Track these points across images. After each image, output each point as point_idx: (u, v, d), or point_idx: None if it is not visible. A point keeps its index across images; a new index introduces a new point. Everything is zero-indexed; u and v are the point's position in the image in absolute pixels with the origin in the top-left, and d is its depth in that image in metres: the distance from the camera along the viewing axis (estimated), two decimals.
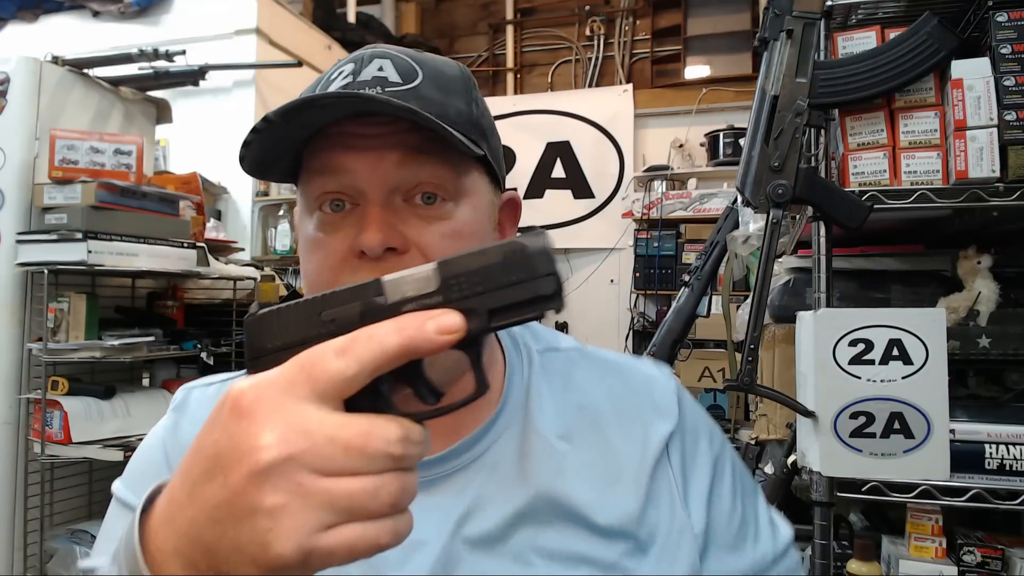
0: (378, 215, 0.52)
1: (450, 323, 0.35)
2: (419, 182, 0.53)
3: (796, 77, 1.15)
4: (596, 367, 0.65)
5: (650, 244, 4.31)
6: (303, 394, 0.34)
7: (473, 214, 0.56)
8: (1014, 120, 1.07)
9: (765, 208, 1.14)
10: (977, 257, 1.25)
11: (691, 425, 0.63)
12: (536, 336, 0.67)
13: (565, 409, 0.61)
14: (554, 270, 0.37)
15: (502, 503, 0.56)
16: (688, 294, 1.83)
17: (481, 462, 0.58)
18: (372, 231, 0.51)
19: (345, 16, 4.80)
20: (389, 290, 0.37)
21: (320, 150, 0.54)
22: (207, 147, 3.63)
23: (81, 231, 1.99)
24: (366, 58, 0.55)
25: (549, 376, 0.63)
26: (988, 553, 1.16)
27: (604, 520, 0.55)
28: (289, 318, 0.38)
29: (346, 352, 0.35)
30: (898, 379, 1.05)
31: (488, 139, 0.58)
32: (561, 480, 0.56)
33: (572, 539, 0.55)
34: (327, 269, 0.54)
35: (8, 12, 3.98)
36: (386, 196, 0.53)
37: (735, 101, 4.45)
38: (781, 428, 1.52)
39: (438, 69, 0.57)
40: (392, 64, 0.55)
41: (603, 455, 0.59)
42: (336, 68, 0.56)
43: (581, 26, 5.21)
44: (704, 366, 3.47)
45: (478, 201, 0.57)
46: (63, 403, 2.01)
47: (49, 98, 2.24)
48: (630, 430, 0.60)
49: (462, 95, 0.57)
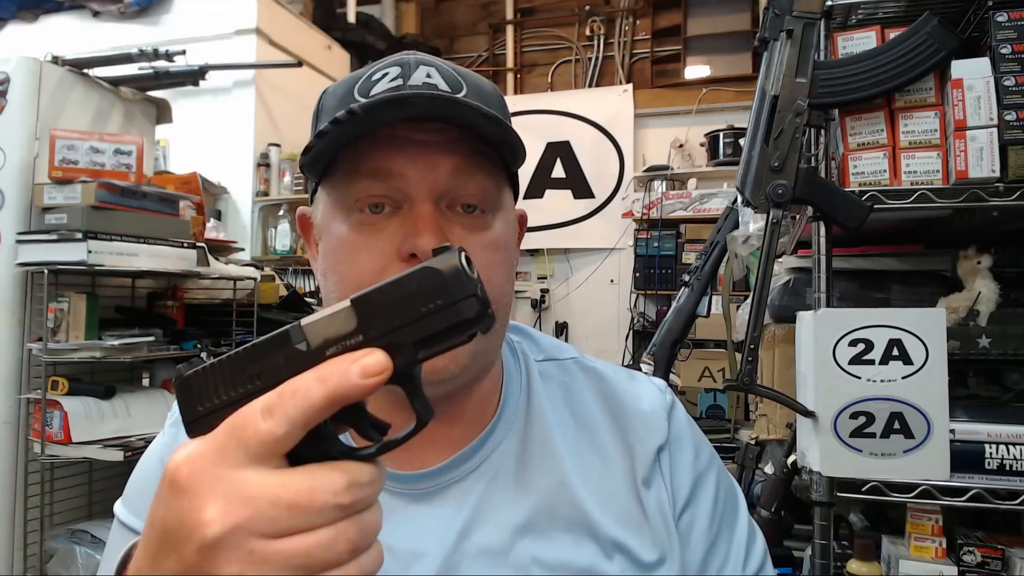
0: (431, 219, 0.52)
1: (374, 364, 0.34)
2: (467, 192, 0.54)
3: (796, 77, 1.15)
4: (593, 379, 0.65)
5: (650, 244, 4.31)
6: (237, 460, 0.33)
7: (506, 227, 0.57)
8: (1014, 120, 1.07)
9: (765, 208, 1.14)
10: (977, 257, 1.25)
11: (678, 437, 0.63)
12: (536, 345, 0.67)
13: (563, 419, 0.61)
14: (472, 291, 0.34)
15: (503, 513, 0.56)
16: (688, 294, 1.83)
17: (480, 472, 0.58)
18: (428, 235, 0.51)
19: (345, 16, 4.80)
20: (310, 334, 0.35)
21: (370, 151, 0.53)
22: (207, 147, 3.63)
23: (81, 231, 1.99)
24: (412, 63, 0.55)
25: (547, 385, 0.63)
26: (988, 553, 1.16)
27: (604, 531, 0.56)
28: (216, 378, 0.37)
29: (273, 411, 0.33)
30: (898, 379, 1.05)
31: (516, 156, 0.58)
32: (562, 490, 0.57)
33: (574, 550, 0.55)
34: (370, 272, 0.52)
35: (8, 12, 3.98)
36: (436, 201, 0.53)
37: (735, 101, 4.46)
38: (781, 428, 1.52)
39: (478, 84, 0.57)
40: (438, 72, 0.55)
41: (601, 467, 0.59)
42: (377, 69, 0.55)
43: (581, 26, 5.21)
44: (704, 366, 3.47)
45: (509, 216, 0.59)
46: (63, 403, 2.01)
47: (49, 98, 2.24)
48: (624, 443, 0.61)
49: (500, 111, 0.58)
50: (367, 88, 0.54)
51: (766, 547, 0.64)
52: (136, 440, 2.06)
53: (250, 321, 2.47)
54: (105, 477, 2.32)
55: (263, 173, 3.79)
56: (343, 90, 0.56)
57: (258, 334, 2.49)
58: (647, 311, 4.46)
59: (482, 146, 0.53)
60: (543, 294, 4.88)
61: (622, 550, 0.55)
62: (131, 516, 0.59)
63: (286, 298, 2.82)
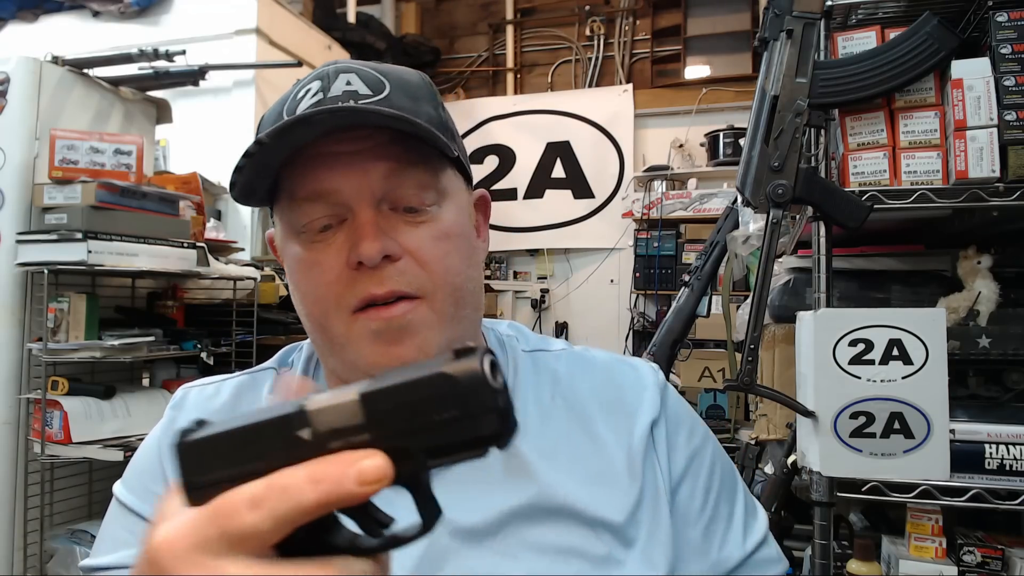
0: (371, 225, 0.53)
1: (373, 471, 0.31)
2: (404, 193, 0.55)
3: (796, 77, 1.15)
4: (582, 365, 0.66)
5: (650, 244, 4.31)
6: (218, 550, 0.32)
7: (456, 214, 0.58)
8: (1014, 120, 1.07)
9: (765, 208, 1.14)
10: (977, 257, 1.25)
11: (673, 414, 0.64)
12: (526, 339, 0.68)
13: (553, 405, 0.62)
14: (493, 405, 0.31)
15: (490, 498, 0.56)
16: (688, 294, 1.83)
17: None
18: (369, 241, 0.52)
19: (345, 16, 4.80)
20: (316, 421, 0.33)
21: (303, 174, 0.54)
22: (207, 147, 3.62)
23: (81, 231, 1.99)
24: (331, 74, 0.56)
25: (537, 374, 0.64)
26: (988, 553, 1.16)
27: (592, 513, 0.56)
28: (215, 450, 0.35)
29: (259, 505, 0.32)
30: (898, 379, 1.05)
31: (456, 141, 0.60)
32: (550, 475, 0.57)
33: (562, 533, 0.55)
34: (324, 285, 0.54)
35: (8, 12, 3.98)
36: (375, 207, 0.54)
37: (735, 101, 4.46)
38: (781, 428, 1.52)
39: (403, 78, 0.58)
40: (359, 77, 0.55)
41: (592, 450, 0.59)
42: (301, 87, 0.57)
43: (581, 26, 5.21)
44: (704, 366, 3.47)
45: (458, 200, 0.59)
46: (63, 403, 2.01)
47: (49, 98, 2.24)
48: (616, 424, 0.61)
49: (429, 100, 0.58)
50: (293, 108, 0.55)
51: (767, 524, 0.64)
52: (136, 440, 2.06)
53: (250, 321, 2.47)
54: (105, 477, 2.32)
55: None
56: (274, 114, 0.57)
57: (258, 334, 2.50)
58: (647, 311, 4.46)
59: (413, 144, 0.53)
60: (543, 294, 4.88)
61: (611, 530, 0.56)
62: (130, 496, 0.60)
63: (286, 298, 2.82)
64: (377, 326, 0.54)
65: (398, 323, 0.54)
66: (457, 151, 0.57)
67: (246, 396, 0.65)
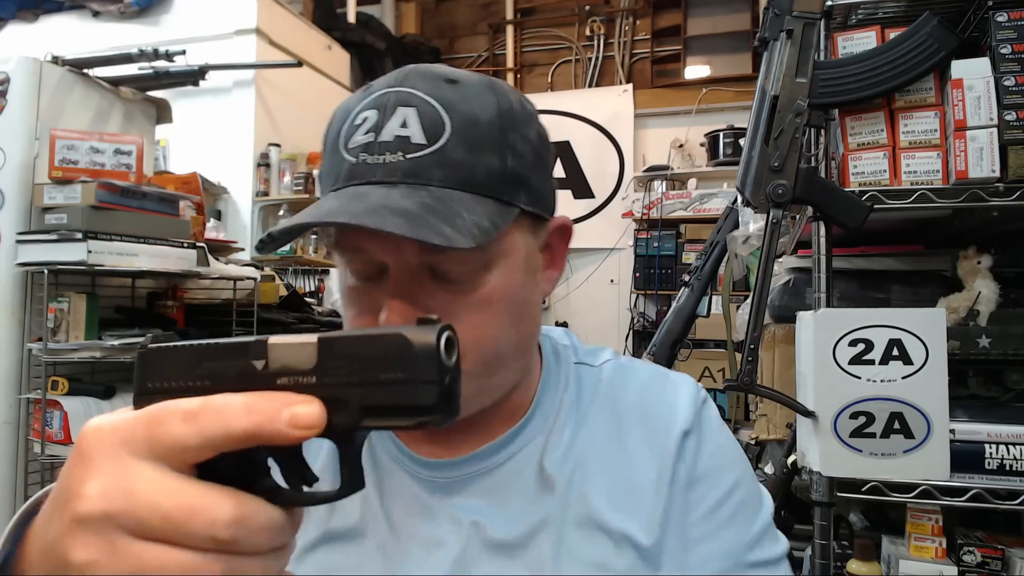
0: (400, 293, 0.51)
1: (306, 416, 0.32)
2: (441, 268, 0.52)
3: (796, 77, 1.15)
4: (624, 377, 0.65)
5: (650, 244, 4.31)
6: (140, 451, 0.32)
7: (506, 276, 0.54)
8: (1014, 120, 1.07)
9: (765, 208, 1.14)
10: (977, 257, 1.25)
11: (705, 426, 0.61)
12: (575, 348, 0.68)
13: (589, 417, 0.62)
14: (435, 378, 0.31)
15: (523, 510, 0.57)
16: (688, 294, 1.83)
17: (505, 468, 0.59)
18: (393, 314, 0.50)
19: (345, 16, 4.80)
20: (272, 355, 0.34)
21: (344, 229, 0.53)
22: (207, 147, 3.63)
23: (81, 231, 1.99)
24: (389, 106, 0.51)
25: (580, 385, 0.64)
26: (988, 553, 1.16)
27: (617, 528, 0.56)
28: (174, 360, 0.35)
29: (192, 420, 0.32)
30: (898, 379, 1.05)
31: (528, 183, 0.54)
32: (584, 492, 0.57)
33: (590, 548, 0.55)
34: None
35: (8, 12, 3.98)
36: (411, 272, 0.52)
37: (735, 101, 4.46)
38: (781, 428, 1.52)
39: (470, 115, 0.51)
40: (417, 115, 0.50)
41: (625, 464, 0.59)
42: (360, 110, 0.52)
43: (581, 26, 5.22)
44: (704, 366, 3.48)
45: (512, 260, 0.54)
46: (63, 403, 2.01)
47: (49, 98, 2.24)
48: (652, 437, 0.60)
49: (495, 145, 0.52)
50: (348, 137, 0.52)
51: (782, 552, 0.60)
52: None
53: (250, 321, 2.47)
54: None
55: (263, 173, 3.79)
56: (335, 133, 0.54)
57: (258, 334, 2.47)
58: (647, 311, 4.46)
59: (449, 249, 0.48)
60: None
61: (633, 544, 0.56)
62: None
63: (286, 298, 2.82)
64: None
65: None
66: (522, 202, 0.53)
67: None
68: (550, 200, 0.59)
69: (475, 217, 0.49)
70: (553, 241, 0.61)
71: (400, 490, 0.59)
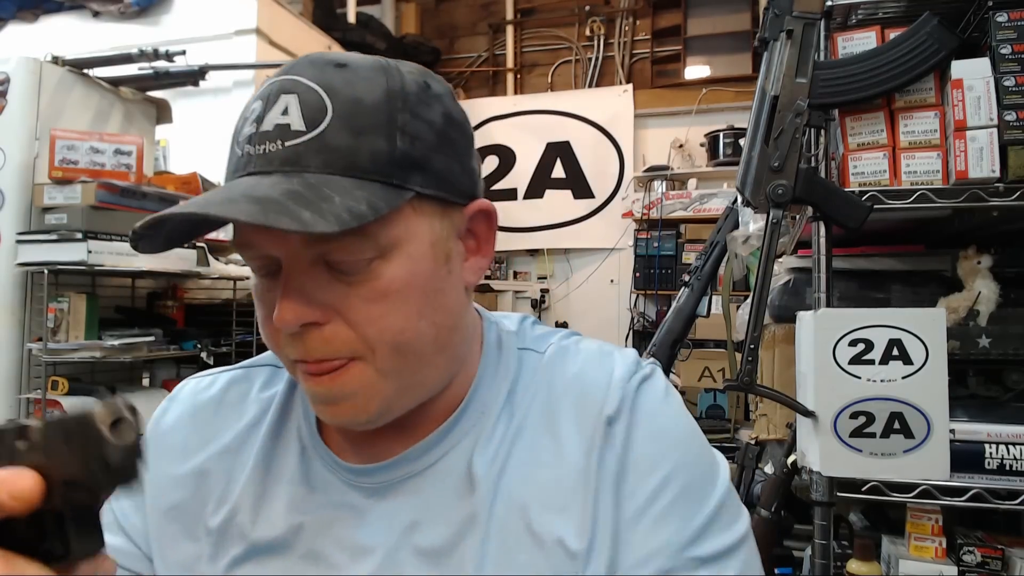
0: (292, 290, 0.49)
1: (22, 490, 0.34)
2: (332, 257, 0.49)
3: (796, 77, 1.15)
4: (564, 359, 0.61)
5: (650, 244, 4.32)
6: None
7: (406, 265, 0.51)
8: (1014, 120, 1.07)
9: (765, 208, 1.14)
10: (977, 257, 1.25)
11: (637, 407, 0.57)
12: (522, 335, 0.64)
13: (524, 412, 0.58)
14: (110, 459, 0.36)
15: (452, 513, 0.54)
16: (688, 294, 1.83)
17: (434, 469, 0.56)
18: (284, 308, 0.49)
19: (345, 16, 4.80)
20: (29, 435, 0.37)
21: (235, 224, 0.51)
22: (207, 147, 3.60)
23: (81, 231, 1.99)
24: (272, 95, 0.50)
25: (518, 377, 0.60)
26: (988, 553, 1.16)
27: (545, 527, 0.53)
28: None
29: None
30: (898, 379, 1.05)
31: (425, 165, 0.51)
32: (510, 492, 0.54)
33: (516, 552, 0.53)
34: (266, 328, 0.54)
35: (8, 12, 3.98)
36: (305, 266, 0.50)
37: (735, 101, 4.46)
38: (781, 428, 1.52)
39: (354, 98, 0.49)
40: (298, 102, 0.49)
41: (553, 452, 0.56)
42: (250, 103, 0.52)
43: (581, 26, 5.22)
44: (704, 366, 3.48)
45: (413, 248, 0.51)
46: (63, 403, 2.01)
47: (49, 98, 2.24)
48: (582, 425, 0.56)
49: (382, 128, 0.49)
50: (239, 131, 0.52)
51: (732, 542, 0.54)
52: None
53: (250, 321, 2.47)
54: None
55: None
56: (236, 128, 0.53)
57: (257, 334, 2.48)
58: (647, 311, 4.46)
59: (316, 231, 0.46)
60: (543, 294, 4.88)
61: (563, 547, 0.52)
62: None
63: None
64: (312, 391, 0.53)
65: (335, 393, 0.52)
66: (417, 185, 0.50)
67: (235, 390, 0.65)
68: (463, 184, 0.55)
69: (350, 202, 0.46)
70: (475, 227, 0.57)
71: (332, 498, 0.57)
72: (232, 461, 0.61)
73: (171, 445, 0.63)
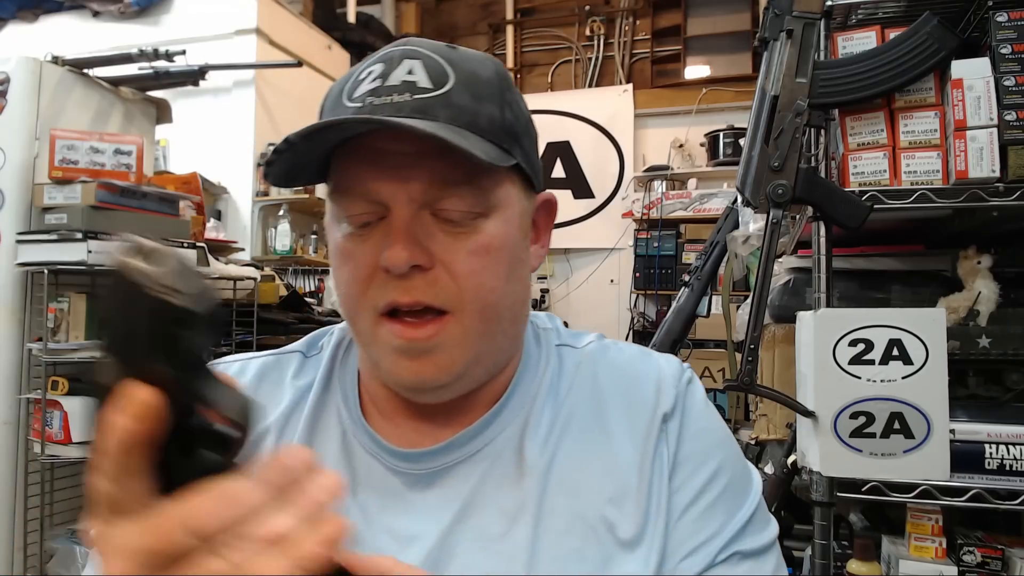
0: (403, 232, 0.51)
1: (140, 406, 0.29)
2: (444, 205, 0.52)
3: (796, 77, 1.15)
4: (607, 359, 0.63)
5: (650, 244, 4.32)
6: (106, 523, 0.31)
7: (503, 227, 0.54)
8: (1014, 120, 1.07)
9: (765, 208, 1.14)
10: (977, 257, 1.25)
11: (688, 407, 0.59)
12: (557, 332, 0.67)
13: (573, 402, 0.60)
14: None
15: (503, 499, 0.55)
16: (688, 294, 1.83)
17: (483, 455, 0.57)
18: (397, 249, 0.50)
19: (345, 16, 4.80)
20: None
21: (345, 167, 0.53)
22: (207, 147, 3.63)
23: (81, 231, 1.99)
24: (396, 58, 0.53)
25: (561, 369, 0.62)
26: (988, 553, 1.16)
27: (596, 513, 0.54)
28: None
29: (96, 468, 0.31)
30: (898, 379, 1.05)
31: (521, 142, 0.56)
32: (562, 479, 0.56)
33: (569, 538, 0.54)
34: (355, 282, 0.54)
35: (8, 12, 3.98)
36: (413, 212, 0.52)
37: (735, 101, 4.46)
38: (781, 428, 1.52)
39: (471, 71, 0.54)
40: (423, 66, 0.53)
41: (604, 444, 0.58)
42: (365, 67, 0.55)
43: (581, 26, 5.22)
44: (704, 366, 3.48)
45: (509, 213, 0.55)
46: (63, 403, 2.01)
47: (49, 98, 2.24)
48: (634, 421, 0.58)
49: (495, 99, 0.55)
50: (353, 90, 0.54)
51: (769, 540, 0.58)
52: None
53: (250, 321, 2.47)
54: None
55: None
56: (336, 91, 0.56)
57: (258, 334, 2.50)
58: (647, 311, 4.46)
59: (461, 157, 0.50)
60: (543, 294, 4.89)
61: (614, 534, 0.54)
62: None
63: (286, 298, 2.82)
64: (399, 344, 0.53)
65: (422, 346, 0.53)
66: (519, 158, 0.54)
67: (269, 377, 0.64)
68: (539, 173, 0.60)
69: (485, 147, 0.51)
70: (538, 217, 0.62)
71: (376, 483, 0.57)
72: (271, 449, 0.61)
73: None
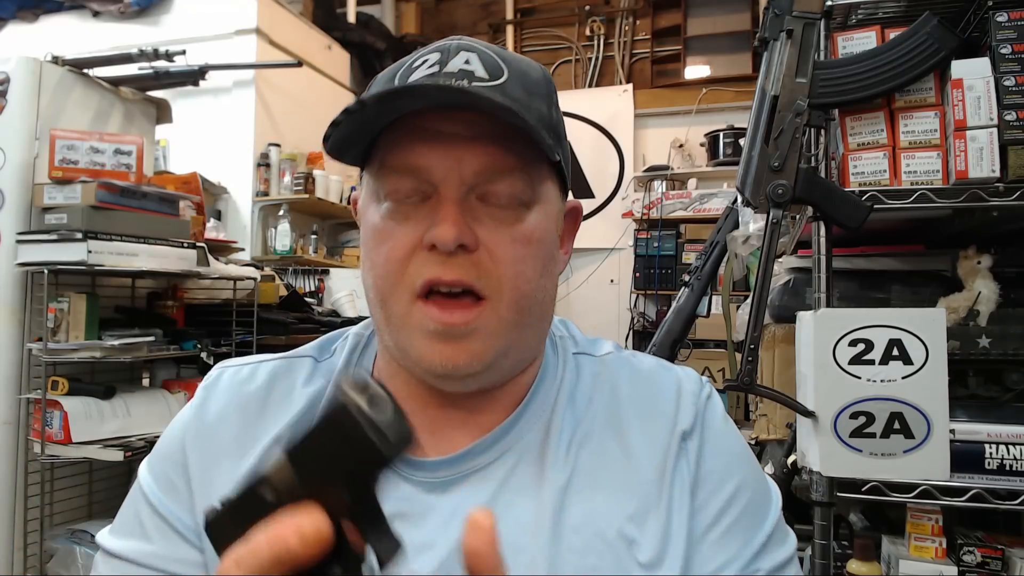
0: (454, 211, 0.52)
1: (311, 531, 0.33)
2: (495, 189, 0.53)
3: (796, 77, 1.15)
4: (626, 370, 0.63)
5: (650, 244, 4.31)
6: None
7: (544, 220, 0.56)
8: (1014, 120, 1.07)
9: (765, 208, 1.14)
10: (977, 257, 1.25)
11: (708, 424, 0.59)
12: (573, 339, 0.67)
13: (591, 412, 0.59)
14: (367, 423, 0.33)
15: (520, 511, 0.54)
16: (688, 294, 1.83)
17: (500, 464, 0.56)
18: (447, 225, 0.51)
19: (345, 16, 4.80)
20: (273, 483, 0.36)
21: (399, 144, 0.53)
22: (207, 147, 3.63)
23: (81, 231, 1.99)
24: (452, 49, 0.55)
25: (579, 378, 0.62)
26: (988, 553, 1.16)
27: (615, 528, 0.53)
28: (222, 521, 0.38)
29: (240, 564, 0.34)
30: (898, 379, 1.05)
31: (563, 143, 0.58)
32: (580, 494, 0.55)
33: (587, 552, 0.53)
34: (393, 261, 0.53)
35: (8, 12, 3.98)
36: (463, 194, 0.53)
37: (735, 101, 4.46)
38: (781, 428, 1.52)
39: (522, 69, 0.56)
40: (479, 58, 0.54)
41: (622, 458, 0.57)
42: (419, 56, 0.56)
43: (581, 26, 5.22)
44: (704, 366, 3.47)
45: (549, 208, 0.57)
46: (63, 403, 2.01)
47: (49, 98, 2.24)
48: (654, 435, 0.58)
49: (544, 98, 0.56)
50: (406, 76, 0.54)
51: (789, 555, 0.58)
52: (136, 440, 2.05)
53: (250, 321, 2.47)
54: (105, 477, 2.32)
55: (263, 173, 3.79)
56: (386, 78, 0.56)
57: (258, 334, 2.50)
58: (647, 311, 4.46)
59: (516, 143, 0.52)
60: None
61: (633, 550, 0.53)
62: (152, 484, 0.59)
63: (286, 298, 2.82)
64: (435, 328, 0.53)
65: (459, 331, 0.53)
66: (559, 156, 0.55)
67: (280, 383, 0.63)
68: (568, 176, 0.61)
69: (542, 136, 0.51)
70: (566, 223, 0.62)
71: (390, 493, 0.57)
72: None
73: (225, 439, 0.60)
